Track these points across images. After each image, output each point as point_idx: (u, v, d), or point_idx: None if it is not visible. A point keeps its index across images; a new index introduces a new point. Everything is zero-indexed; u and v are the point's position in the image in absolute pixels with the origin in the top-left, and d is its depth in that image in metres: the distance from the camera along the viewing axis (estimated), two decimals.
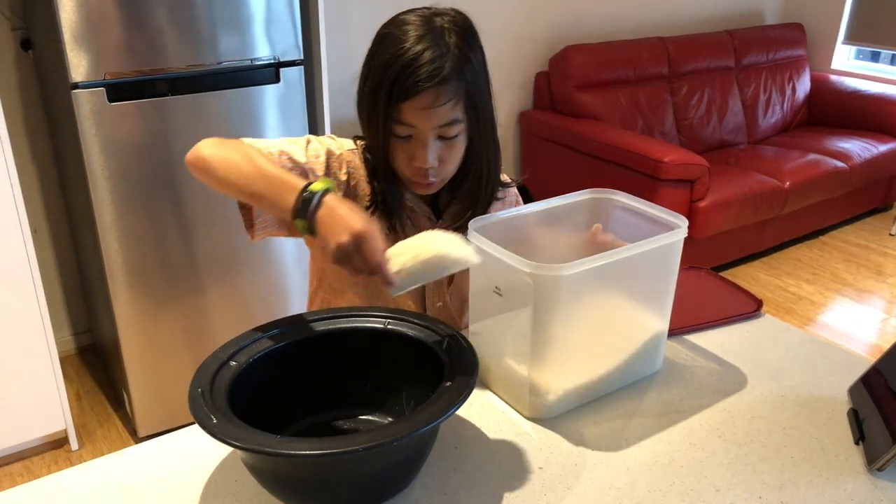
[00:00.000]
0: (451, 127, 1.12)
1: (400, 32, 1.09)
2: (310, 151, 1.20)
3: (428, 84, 1.07)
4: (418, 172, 1.16)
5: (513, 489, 0.95)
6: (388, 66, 1.08)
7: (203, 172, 1.11)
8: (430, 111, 1.09)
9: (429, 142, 1.13)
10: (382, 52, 1.10)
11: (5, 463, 2.30)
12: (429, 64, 1.06)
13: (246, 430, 0.82)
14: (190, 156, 1.12)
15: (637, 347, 1.17)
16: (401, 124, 1.11)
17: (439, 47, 1.08)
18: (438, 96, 1.08)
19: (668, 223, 1.13)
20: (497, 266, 1.03)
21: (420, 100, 1.08)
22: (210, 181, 1.10)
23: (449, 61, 1.08)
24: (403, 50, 1.07)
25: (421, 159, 1.14)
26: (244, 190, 1.06)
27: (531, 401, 1.08)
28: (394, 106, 1.09)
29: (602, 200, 1.24)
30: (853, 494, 0.95)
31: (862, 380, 1.13)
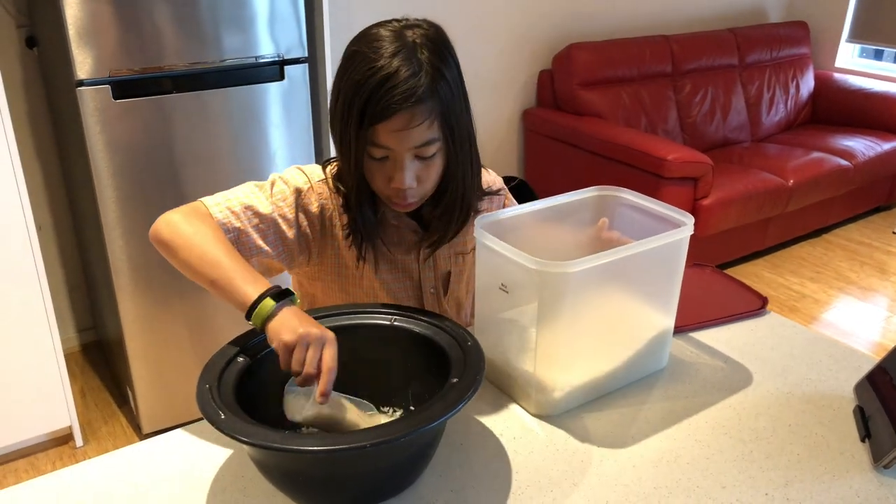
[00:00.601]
0: (427, 147, 1.08)
1: (370, 50, 1.04)
2: (275, 197, 1.17)
3: (403, 105, 1.02)
4: (397, 193, 1.12)
5: (519, 485, 0.95)
6: (360, 87, 1.03)
7: (164, 252, 1.10)
8: (405, 132, 1.05)
9: (405, 163, 1.08)
10: (353, 72, 1.05)
11: (10, 459, 2.31)
12: (402, 84, 1.01)
13: (254, 425, 0.83)
14: (152, 232, 1.11)
15: (643, 344, 1.17)
16: (376, 146, 1.07)
17: (412, 65, 1.03)
18: (413, 117, 1.04)
19: (674, 220, 1.13)
20: (503, 263, 1.04)
21: (395, 121, 1.04)
22: (171, 260, 1.10)
23: (423, 80, 1.03)
24: (375, 69, 1.02)
25: (399, 181, 1.09)
26: (201, 278, 1.04)
27: (537, 398, 1.08)
28: (367, 128, 1.05)
29: (608, 198, 1.24)
30: (859, 492, 0.95)
31: (867, 377, 1.13)
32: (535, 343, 1.04)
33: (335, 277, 1.27)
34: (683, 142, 3.89)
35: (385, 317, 1.07)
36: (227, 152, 2.24)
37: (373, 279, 1.26)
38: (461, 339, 0.99)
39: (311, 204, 1.19)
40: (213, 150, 2.22)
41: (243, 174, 2.29)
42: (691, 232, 1.11)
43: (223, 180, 2.26)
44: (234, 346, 0.98)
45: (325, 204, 1.20)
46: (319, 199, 1.20)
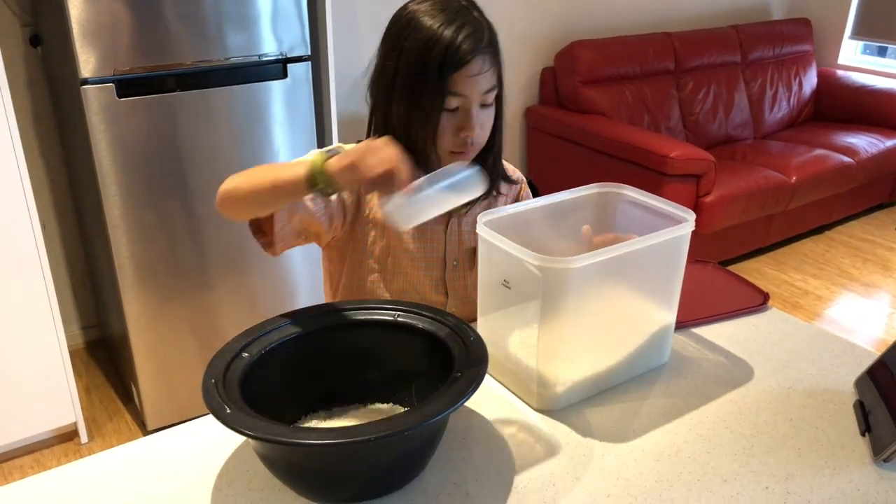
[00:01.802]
0: (490, 93, 1.18)
1: (431, 11, 1.14)
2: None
3: (477, 51, 1.13)
4: (463, 143, 1.19)
5: (521, 479, 0.96)
6: (434, 41, 1.12)
7: (231, 200, 1.11)
8: (478, 78, 1.15)
9: (475, 110, 1.17)
10: (415, 35, 1.13)
11: (16, 456, 2.32)
12: (472, 34, 1.13)
13: (259, 419, 0.83)
14: (217, 199, 1.12)
15: (644, 340, 1.18)
16: (452, 95, 1.15)
17: (473, 19, 1.15)
18: (484, 62, 1.15)
19: (675, 217, 1.14)
20: (506, 259, 1.04)
21: (471, 67, 1.13)
22: (238, 204, 1.11)
23: (486, 32, 1.16)
24: (445, 23, 1.12)
25: (469, 127, 1.18)
26: (261, 189, 1.07)
27: (539, 392, 1.09)
28: (446, 78, 1.13)
29: (609, 194, 1.25)
30: (859, 485, 0.95)
31: (868, 372, 1.14)
32: (537, 338, 1.05)
33: (364, 246, 1.30)
34: (686, 139, 3.89)
35: (388, 313, 1.08)
36: (230, 150, 2.25)
37: (399, 249, 1.30)
38: (463, 334, 1.00)
39: None
40: (217, 147, 2.23)
41: None
42: (692, 228, 1.12)
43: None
44: (239, 341, 0.99)
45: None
46: None
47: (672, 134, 3.83)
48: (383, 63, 1.20)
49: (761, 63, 4.26)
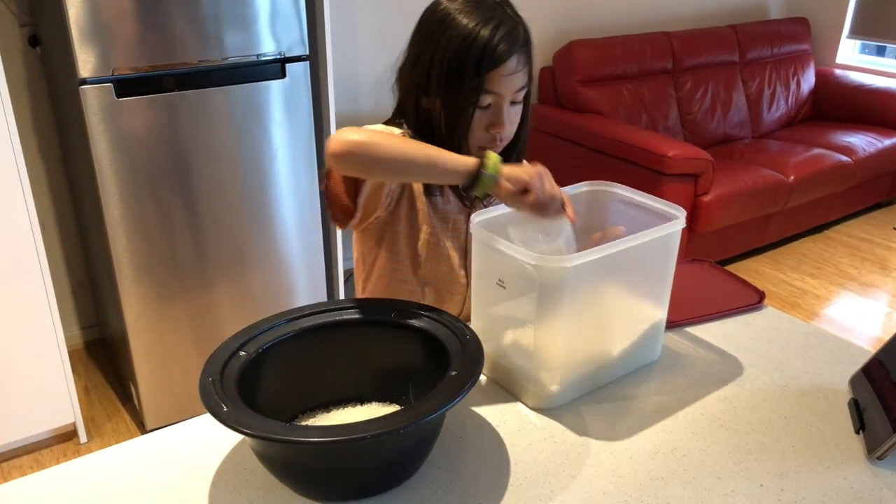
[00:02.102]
0: (521, 91, 1.21)
1: (462, 13, 1.15)
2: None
3: (513, 51, 1.15)
4: (492, 139, 1.22)
5: (517, 477, 0.96)
6: (472, 39, 1.13)
7: (365, 156, 1.06)
8: (512, 77, 1.17)
9: (506, 107, 1.20)
10: (452, 32, 1.15)
11: (15, 456, 2.33)
12: (509, 33, 1.15)
13: (256, 417, 0.84)
14: (340, 146, 1.05)
15: (637, 336, 1.19)
16: (486, 93, 1.17)
17: (509, 18, 1.17)
18: (519, 61, 1.17)
19: (666, 214, 1.15)
20: (501, 259, 1.05)
21: (506, 66, 1.15)
22: (372, 162, 1.07)
23: (521, 30, 1.18)
24: (479, 25, 1.14)
25: (500, 124, 1.20)
26: (419, 159, 1.06)
27: (534, 391, 1.09)
28: (482, 77, 1.15)
29: (600, 192, 1.26)
30: (853, 482, 0.96)
31: (863, 370, 1.14)
32: (533, 337, 1.05)
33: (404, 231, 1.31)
34: (684, 138, 3.90)
35: (385, 311, 1.08)
36: (229, 150, 2.26)
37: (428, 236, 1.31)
38: (460, 332, 1.01)
39: None
40: (216, 147, 2.23)
41: (245, 171, 2.30)
42: (683, 225, 1.13)
43: (225, 177, 2.27)
44: (236, 339, 1.00)
45: None
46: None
47: (670, 133, 3.84)
48: (416, 56, 1.21)
49: (759, 62, 4.26)
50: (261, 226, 2.40)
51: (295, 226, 2.48)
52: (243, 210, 2.35)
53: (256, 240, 2.41)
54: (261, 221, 2.40)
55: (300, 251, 2.52)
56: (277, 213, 2.42)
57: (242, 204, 2.34)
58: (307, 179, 2.46)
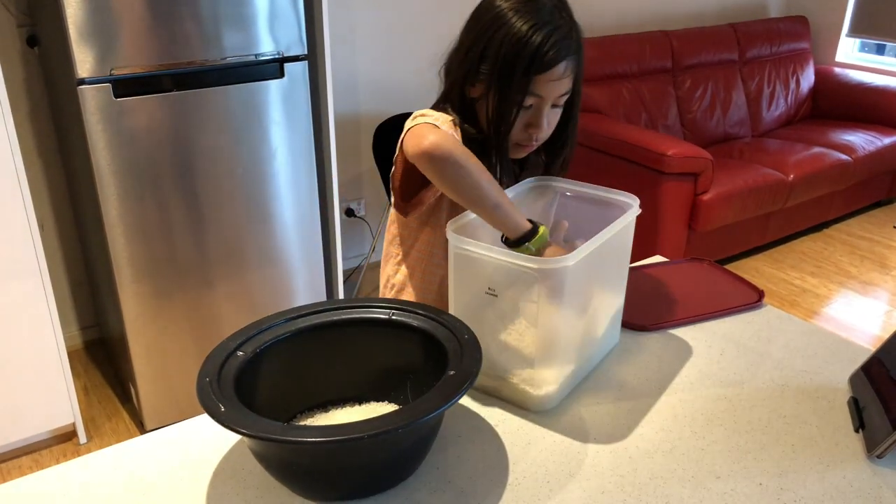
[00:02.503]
0: (564, 97, 1.22)
1: (517, 14, 1.16)
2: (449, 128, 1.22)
3: (560, 58, 1.16)
4: (528, 138, 1.24)
5: (516, 477, 0.96)
6: (521, 44, 1.14)
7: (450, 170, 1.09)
8: (557, 82, 1.18)
9: (546, 110, 1.21)
10: (505, 31, 1.15)
11: (15, 456, 2.33)
12: (563, 39, 1.16)
13: (253, 418, 0.84)
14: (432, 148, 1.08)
15: (607, 324, 1.22)
16: (531, 95, 1.19)
17: (565, 23, 1.18)
18: (566, 68, 1.18)
19: (615, 202, 1.21)
20: (489, 267, 1.04)
21: (554, 72, 1.17)
22: (452, 179, 1.09)
23: (574, 35, 1.19)
24: (533, 28, 1.14)
25: (539, 126, 1.22)
26: (488, 199, 1.08)
27: (535, 395, 1.08)
28: (530, 78, 1.16)
29: (543, 188, 1.29)
30: (853, 481, 0.96)
31: (862, 368, 1.14)
32: (532, 341, 1.05)
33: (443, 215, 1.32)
34: (684, 137, 3.90)
35: (383, 311, 1.08)
36: (227, 149, 2.26)
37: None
38: (458, 332, 1.00)
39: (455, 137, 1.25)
40: (214, 147, 2.23)
41: (244, 171, 2.30)
42: (639, 212, 1.17)
43: (224, 177, 2.27)
44: (234, 339, 0.99)
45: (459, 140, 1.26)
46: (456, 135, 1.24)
47: (670, 132, 3.84)
48: (468, 48, 1.22)
49: (759, 61, 4.26)
50: (260, 225, 2.40)
51: (294, 226, 2.48)
52: (242, 210, 2.34)
53: (255, 240, 2.40)
54: (259, 221, 2.39)
55: (299, 251, 2.52)
56: (276, 213, 2.42)
57: (241, 204, 2.34)
58: (306, 179, 2.46)
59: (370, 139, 2.80)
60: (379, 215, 3.51)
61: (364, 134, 3.26)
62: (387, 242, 1.43)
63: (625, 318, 1.32)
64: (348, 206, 3.43)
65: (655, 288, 1.48)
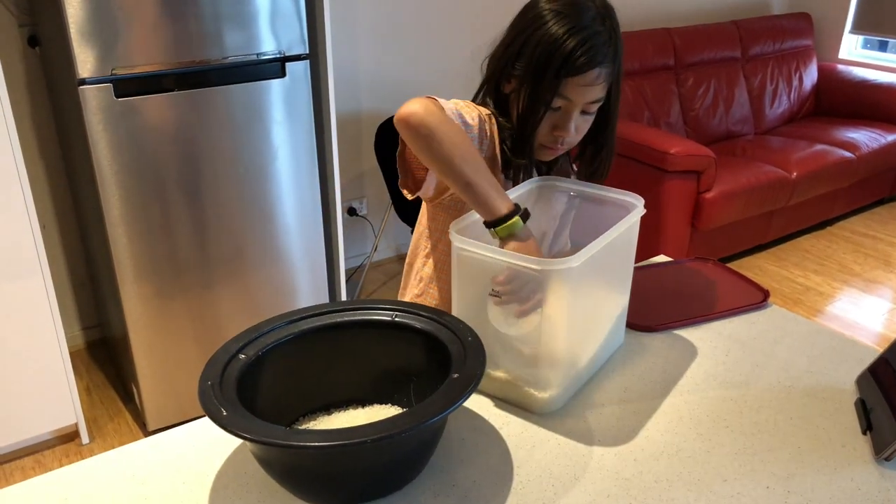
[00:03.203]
0: (595, 104, 1.22)
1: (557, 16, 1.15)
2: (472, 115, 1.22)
3: (596, 64, 1.15)
4: (554, 140, 1.23)
5: (520, 480, 0.96)
6: (562, 42, 1.14)
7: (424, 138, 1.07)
8: (588, 88, 1.18)
9: (574, 114, 1.20)
10: (543, 32, 1.15)
11: (17, 457, 2.32)
12: (600, 45, 1.15)
13: (255, 422, 0.83)
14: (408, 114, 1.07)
15: (612, 325, 1.21)
16: (559, 97, 1.18)
17: (605, 29, 1.17)
18: (599, 76, 1.17)
19: (620, 202, 1.20)
20: (493, 269, 1.03)
21: (585, 77, 1.16)
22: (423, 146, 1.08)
23: (611, 44, 1.18)
24: (577, 28, 1.14)
25: (565, 129, 1.21)
26: (460, 175, 1.06)
27: (540, 397, 1.07)
28: (560, 80, 1.16)
29: (546, 188, 1.28)
30: (860, 484, 0.95)
31: (870, 369, 1.13)
32: (538, 342, 1.04)
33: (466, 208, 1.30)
34: (686, 135, 3.89)
35: (386, 313, 1.07)
36: (229, 149, 2.25)
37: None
38: (462, 334, 1.00)
39: (486, 128, 1.25)
40: (216, 147, 2.22)
41: (246, 171, 2.29)
42: (644, 212, 1.16)
43: (226, 177, 2.27)
44: (236, 342, 0.99)
45: (493, 135, 1.26)
46: (490, 130, 1.26)
47: (672, 130, 3.82)
48: (507, 44, 1.22)
49: (761, 58, 4.25)
50: (262, 225, 2.39)
51: (296, 225, 2.47)
52: (244, 210, 2.34)
53: (257, 239, 2.40)
54: (261, 221, 2.39)
55: (301, 251, 2.52)
56: (278, 213, 2.42)
57: (243, 203, 2.33)
58: (308, 179, 2.45)
59: (372, 138, 2.79)
60: (381, 214, 3.50)
61: (366, 133, 3.25)
62: (416, 235, 1.43)
63: (629, 319, 1.31)
64: (350, 205, 3.42)
65: (660, 288, 1.47)
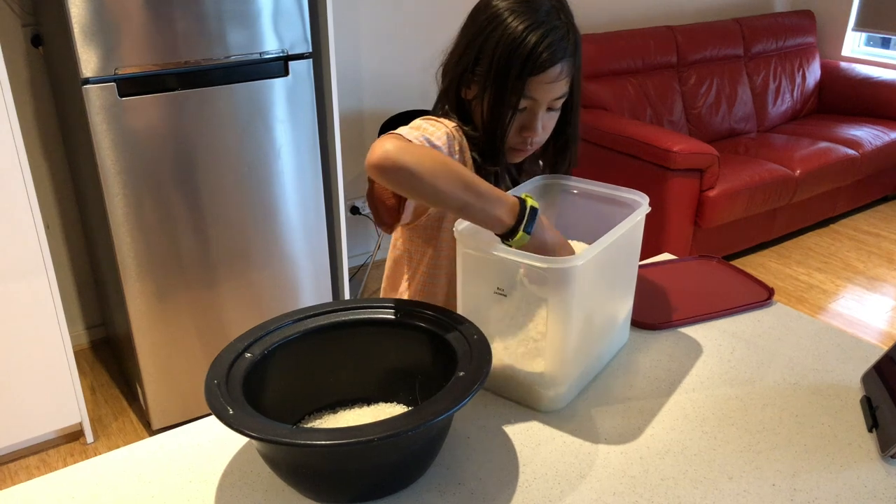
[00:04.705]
0: (559, 100, 1.20)
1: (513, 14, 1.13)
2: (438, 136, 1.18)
3: (555, 60, 1.13)
4: (523, 141, 1.21)
5: (526, 478, 0.96)
6: (514, 46, 1.12)
7: (405, 179, 1.02)
8: (551, 85, 1.16)
9: (541, 113, 1.19)
10: (500, 32, 1.13)
11: (22, 456, 2.33)
12: (558, 41, 1.13)
13: (262, 420, 0.83)
14: (383, 161, 1.01)
15: (617, 323, 1.21)
16: (525, 98, 1.16)
17: (562, 24, 1.15)
18: (561, 71, 1.15)
19: (625, 201, 1.20)
20: (498, 267, 1.03)
21: (547, 75, 1.14)
22: (408, 187, 1.03)
23: (570, 37, 1.16)
24: (528, 30, 1.12)
25: (533, 129, 1.19)
26: (452, 201, 1.02)
27: (546, 395, 1.07)
28: (524, 81, 1.14)
29: (552, 186, 1.28)
30: (866, 481, 0.95)
31: (875, 367, 1.13)
32: (545, 341, 1.04)
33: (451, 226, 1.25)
34: (689, 133, 3.88)
35: (391, 311, 1.07)
36: (232, 148, 2.25)
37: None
38: (467, 332, 1.00)
39: (455, 145, 1.22)
40: (219, 146, 2.22)
41: (249, 170, 2.30)
42: (649, 210, 1.16)
43: (229, 176, 2.27)
44: (241, 341, 0.99)
45: (463, 148, 1.23)
46: (459, 144, 1.23)
47: (675, 128, 3.82)
48: (462, 50, 1.20)
49: (764, 56, 4.24)
50: (265, 224, 2.39)
51: (299, 224, 2.47)
52: (247, 208, 2.34)
53: (261, 238, 2.40)
54: (265, 220, 2.39)
55: (305, 249, 2.52)
56: (281, 212, 2.42)
57: (246, 202, 2.33)
58: (311, 177, 2.45)
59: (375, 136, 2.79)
60: None
61: (369, 131, 3.25)
62: (393, 260, 1.39)
63: (634, 317, 1.31)
64: (353, 203, 3.42)
65: (664, 286, 1.47)
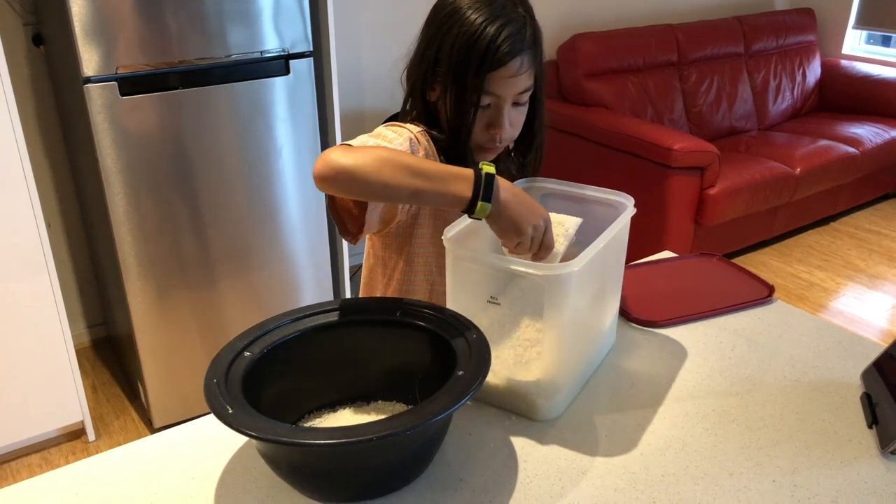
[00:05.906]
0: (525, 93, 1.18)
1: (470, 9, 1.12)
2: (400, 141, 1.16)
3: (515, 54, 1.12)
4: (491, 139, 1.20)
5: (527, 475, 0.96)
6: (476, 38, 1.11)
7: (350, 182, 1.00)
8: (513, 80, 1.14)
9: (506, 109, 1.17)
10: (457, 28, 1.12)
11: (24, 454, 2.33)
12: (515, 34, 1.12)
13: (261, 419, 0.83)
14: (323, 170, 1.00)
15: (607, 326, 1.21)
16: (486, 94, 1.15)
17: (518, 17, 1.13)
18: (522, 65, 1.13)
19: (609, 202, 1.19)
20: (490, 275, 1.02)
21: (508, 69, 1.12)
22: (357, 189, 1.02)
23: (528, 29, 1.14)
24: (485, 23, 1.11)
25: (500, 126, 1.18)
26: (403, 190, 1.01)
27: (542, 404, 1.06)
28: (482, 77, 1.12)
29: (533, 189, 1.27)
30: (866, 477, 0.95)
31: (875, 364, 1.13)
32: (541, 349, 1.03)
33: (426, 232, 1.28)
34: (690, 131, 3.88)
35: (390, 310, 1.07)
36: (233, 147, 2.25)
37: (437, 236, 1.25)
38: (466, 332, 1.00)
39: (420, 151, 1.19)
40: (220, 145, 2.23)
41: (250, 168, 2.30)
42: (634, 211, 1.16)
43: (230, 175, 2.27)
44: (241, 340, 0.99)
45: (429, 153, 1.21)
46: (426, 148, 1.21)
47: (675, 126, 3.82)
48: (423, 51, 1.19)
49: (765, 54, 4.24)
50: (266, 223, 2.40)
51: (300, 223, 2.48)
52: (248, 207, 2.34)
53: (261, 237, 2.40)
54: (266, 218, 2.39)
55: (305, 248, 2.52)
56: (282, 210, 2.42)
57: (247, 201, 2.33)
58: (311, 176, 2.45)
59: None
60: None
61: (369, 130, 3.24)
62: (368, 269, 1.37)
63: (635, 314, 1.31)
64: None
65: (665, 283, 1.47)
